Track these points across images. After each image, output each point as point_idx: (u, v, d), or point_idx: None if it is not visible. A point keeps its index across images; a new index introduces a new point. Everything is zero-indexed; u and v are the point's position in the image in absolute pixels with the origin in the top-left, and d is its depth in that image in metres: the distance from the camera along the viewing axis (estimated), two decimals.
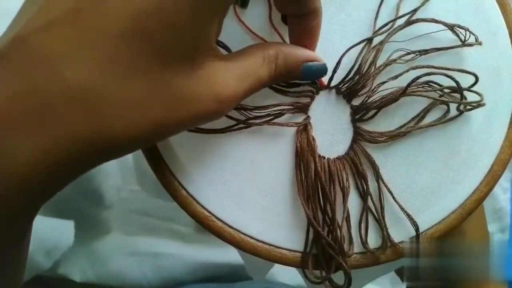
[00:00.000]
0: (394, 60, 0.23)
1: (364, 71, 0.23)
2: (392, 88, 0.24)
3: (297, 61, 0.21)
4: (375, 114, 0.24)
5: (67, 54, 0.15)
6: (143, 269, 0.50)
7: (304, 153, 0.24)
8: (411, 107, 0.24)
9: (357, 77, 0.23)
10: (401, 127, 0.24)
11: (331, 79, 0.24)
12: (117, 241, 0.51)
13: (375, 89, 0.24)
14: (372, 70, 0.23)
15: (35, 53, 0.15)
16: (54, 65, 0.15)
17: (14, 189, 0.15)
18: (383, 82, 0.24)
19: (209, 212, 0.24)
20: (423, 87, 0.24)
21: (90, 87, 0.15)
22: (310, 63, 0.22)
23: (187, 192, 0.24)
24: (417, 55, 0.24)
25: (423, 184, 0.24)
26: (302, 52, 0.22)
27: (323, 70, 0.23)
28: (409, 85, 0.23)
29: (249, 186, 0.24)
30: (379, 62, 0.24)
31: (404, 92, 0.23)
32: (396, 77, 0.23)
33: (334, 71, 0.24)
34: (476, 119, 0.24)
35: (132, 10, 0.15)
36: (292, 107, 0.24)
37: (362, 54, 0.24)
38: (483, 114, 0.24)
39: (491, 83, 0.24)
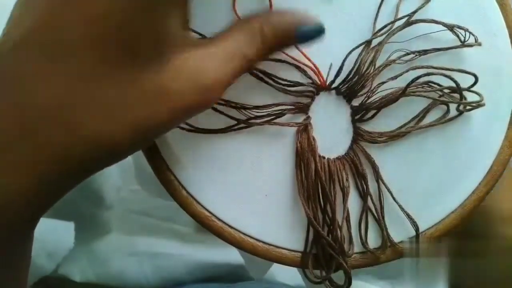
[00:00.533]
0: (394, 61, 0.24)
1: (363, 71, 0.23)
2: (392, 88, 0.24)
3: (287, 28, 0.20)
4: (375, 114, 0.24)
5: (34, 73, 0.15)
6: (143, 269, 0.50)
7: (305, 153, 0.24)
8: (411, 107, 0.24)
9: (356, 77, 0.23)
10: (401, 127, 0.24)
11: (332, 82, 0.24)
12: (117, 241, 0.51)
13: (374, 90, 0.24)
14: (371, 70, 0.23)
15: (6, 75, 0.16)
16: (24, 85, 0.15)
17: None
18: (383, 83, 0.24)
19: (209, 212, 0.24)
20: (422, 87, 0.24)
21: (61, 103, 0.16)
22: (303, 27, 0.20)
23: (187, 192, 0.24)
24: (416, 55, 0.24)
25: (423, 185, 0.24)
26: (290, 17, 0.20)
27: (319, 30, 0.21)
28: (408, 85, 0.23)
29: (249, 186, 0.24)
30: (379, 63, 0.24)
31: (403, 92, 0.23)
32: (395, 77, 0.23)
33: (337, 75, 0.24)
34: (476, 119, 0.24)
35: (84, 18, 0.15)
36: (293, 107, 0.24)
37: (362, 55, 0.24)
38: (483, 115, 0.24)
39: (491, 83, 0.24)
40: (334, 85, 0.24)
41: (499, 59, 0.24)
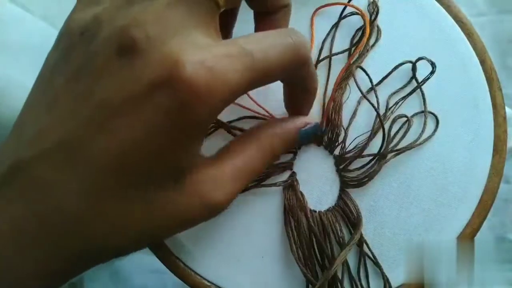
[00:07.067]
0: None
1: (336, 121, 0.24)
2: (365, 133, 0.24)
3: (292, 136, 0.22)
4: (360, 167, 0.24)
5: (60, 184, 0.16)
6: (164, 285, 0.51)
7: (294, 210, 0.24)
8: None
9: (331, 128, 0.24)
10: (377, 154, 0.24)
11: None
12: (139, 259, 0.52)
13: (346, 135, 0.24)
14: (337, 119, 0.24)
15: (33, 182, 0.16)
16: (50, 194, 0.16)
17: None
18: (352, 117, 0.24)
19: (209, 282, 0.24)
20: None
21: (82, 215, 0.16)
22: (304, 129, 0.22)
23: (184, 264, 0.24)
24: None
25: (416, 224, 0.24)
26: (294, 124, 0.22)
27: (316, 129, 0.23)
28: (384, 155, 0.24)
29: (244, 249, 0.24)
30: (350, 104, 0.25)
31: (384, 157, 0.24)
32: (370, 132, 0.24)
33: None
34: (460, 151, 0.24)
35: (116, 150, 0.16)
36: (276, 168, 0.24)
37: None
38: (465, 146, 0.24)
39: (470, 114, 0.25)
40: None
41: (473, 89, 0.25)
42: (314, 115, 0.24)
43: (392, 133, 0.24)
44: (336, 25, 0.26)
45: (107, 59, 0.16)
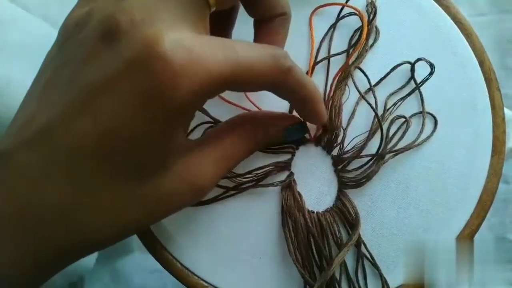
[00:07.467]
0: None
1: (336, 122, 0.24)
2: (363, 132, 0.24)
3: (277, 132, 0.21)
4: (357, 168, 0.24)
5: (45, 172, 0.16)
6: (164, 285, 0.51)
7: (292, 210, 0.24)
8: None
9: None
10: (375, 154, 0.24)
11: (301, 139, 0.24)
12: (139, 259, 0.53)
13: (345, 135, 0.24)
14: (338, 121, 0.24)
15: (18, 170, 0.16)
16: (34, 182, 0.16)
17: None
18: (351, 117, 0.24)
19: (207, 282, 0.24)
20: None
21: (67, 204, 0.16)
22: (290, 128, 0.22)
23: (182, 265, 0.24)
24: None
25: (414, 225, 0.24)
26: (281, 119, 0.22)
27: (304, 129, 0.23)
28: (382, 156, 0.24)
29: (241, 250, 0.24)
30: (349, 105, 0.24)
31: (382, 157, 0.24)
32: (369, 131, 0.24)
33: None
34: (459, 152, 0.24)
35: (98, 132, 0.16)
36: (274, 167, 0.24)
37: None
38: (464, 146, 0.24)
39: (468, 114, 0.24)
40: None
41: (472, 89, 0.25)
42: None
43: (390, 134, 0.24)
44: (334, 26, 0.26)
45: (92, 44, 0.16)
